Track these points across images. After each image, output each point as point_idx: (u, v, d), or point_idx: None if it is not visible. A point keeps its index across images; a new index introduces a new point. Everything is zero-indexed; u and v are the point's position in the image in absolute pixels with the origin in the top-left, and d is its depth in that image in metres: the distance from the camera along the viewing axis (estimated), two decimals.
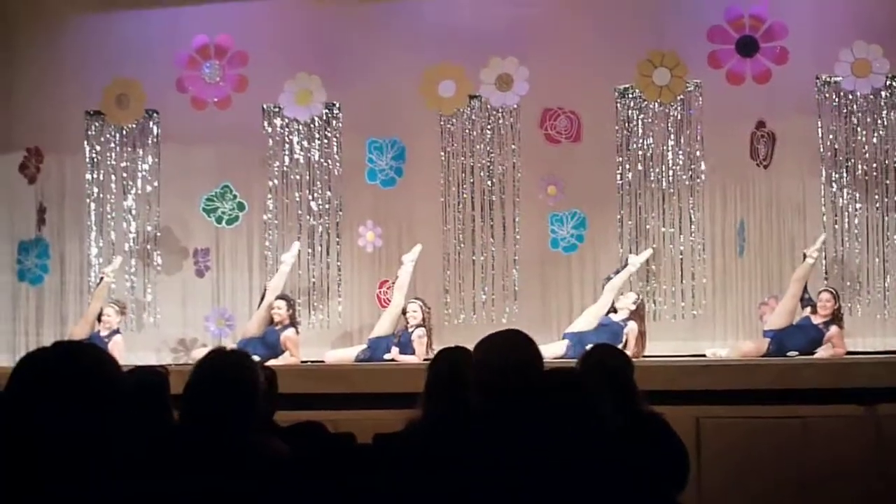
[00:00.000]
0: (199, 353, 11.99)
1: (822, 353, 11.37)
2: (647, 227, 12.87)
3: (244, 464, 3.84)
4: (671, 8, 12.83)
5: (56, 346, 3.09)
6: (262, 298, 12.60)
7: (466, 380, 5.06)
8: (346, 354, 12.30)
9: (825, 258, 12.47)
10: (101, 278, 12.97)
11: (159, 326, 13.31)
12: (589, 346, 5.69)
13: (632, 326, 11.87)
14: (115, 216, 13.61)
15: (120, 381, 3.05)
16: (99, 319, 12.53)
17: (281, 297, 12.47)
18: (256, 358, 10.10)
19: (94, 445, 2.91)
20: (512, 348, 4.57)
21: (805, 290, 11.82)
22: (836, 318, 11.63)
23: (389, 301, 12.83)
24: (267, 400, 4.75)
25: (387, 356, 12.01)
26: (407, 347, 12.00)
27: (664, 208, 12.89)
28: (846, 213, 12.58)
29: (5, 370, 3.17)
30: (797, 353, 11.40)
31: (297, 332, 12.30)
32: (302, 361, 12.11)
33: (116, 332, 12.40)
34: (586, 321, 12.08)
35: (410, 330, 12.10)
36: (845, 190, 12.57)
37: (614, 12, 12.85)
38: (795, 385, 9.53)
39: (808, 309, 11.70)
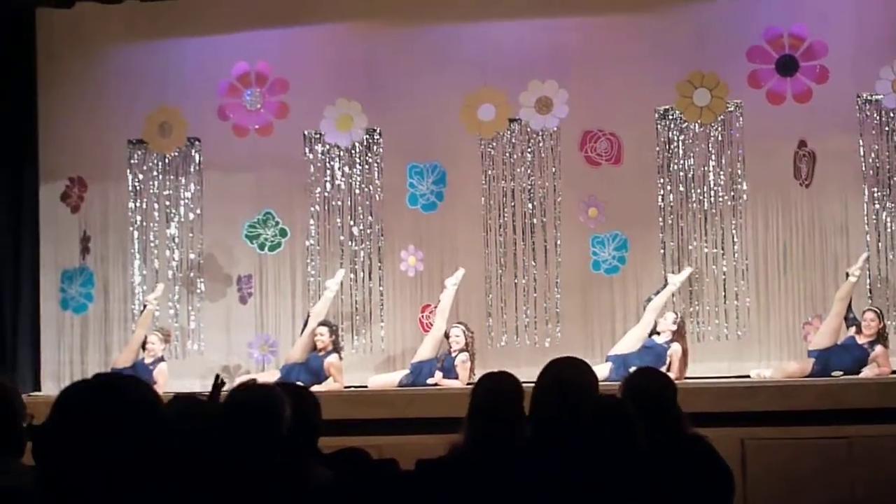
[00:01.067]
0: (243, 379, 12.15)
1: (867, 372, 11.30)
2: (690, 248, 12.84)
3: (286, 492, 3.86)
4: (710, 28, 12.81)
5: (96, 378, 3.12)
6: (306, 324, 12.61)
7: (510, 405, 5.06)
8: (389, 379, 12.30)
9: (869, 277, 12.42)
10: (145, 306, 13.03)
11: (203, 353, 13.35)
12: (632, 369, 5.68)
13: (675, 348, 11.83)
14: (158, 244, 13.68)
15: (160, 410, 3.07)
16: (144, 347, 12.59)
17: (323, 323, 12.49)
18: (300, 384, 10.19)
19: (133, 475, 2.93)
20: (572, 375, 4.59)
21: (849, 309, 11.76)
22: (881, 337, 11.56)
23: (432, 325, 12.86)
24: (311, 426, 4.77)
25: (430, 381, 12.00)
26: (450, 372, 12.00)
27: (706, 229, 12.86)
28: (889, 231, 12.51)
29: (50, 398, 3.20)
30: (842, 372, 11.34)
31: (341, 358, 12.32)
32: (345, 387, 12.12)
33: (161, 359, 12.44)
34: (629, 343, 12.05)
35: (454, 354, 12.09)
36: (888, 208, 12.51)
37: (653, 34, 12.85)
38: (840, 405, 9.48)
39: (853, 328, 11.64)
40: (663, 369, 11.02)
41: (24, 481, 3.23)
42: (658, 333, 12.02)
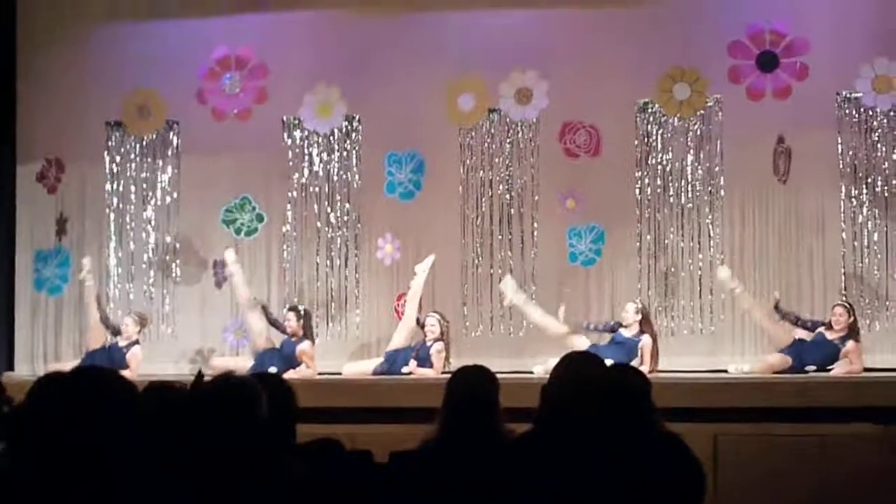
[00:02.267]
0: (217, 362, 12.12)
1: (838, 368, 11.34)
2: (666, 241, 12.86)
3: (259, 488, 3.85)
4: (692, 23, 12.82)
5: (75, 371, 3.12)
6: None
7: (485, 399, 5.07)
8: (363, 367, 12.29)
9: (844, 273, 12.46)
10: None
11: (178, 337, 13.32)
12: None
13: (645, 340, 11.82)
14: (134, 227, 13.64)
15: (136, 403, 3.07)
16: (107, 327, 12.56)
17: (291, 307, 12.48)
18: (273, 370, 10.15)
19: (112, 464, 2.93)
20: (580, 371, 4.59)
21: (778, 309, 11.84)
22: (852, 332, 11.59)
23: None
24: (287, 417, 4.75)
25: (405, 369, 11.99)
26: (426, 361, 11.99)
27: (683, 223, 12.88)
28: (865, 229, 12.56)
29: (26, 380, 3.18)
30: (815, 367, 11.39)
31: (313, 344, 12.30)
32: (319, 374, 12.10)
33: (136, 343, 12.40)
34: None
35: (429, 343, 12.09)
36: (864, 206, 12.55)
37: (634, 27, 12.85)
38: (813, 403, 9.50)
39: (821, 327, 11.68)
40: (636, 362, 11.05)
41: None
42: (625, 327, 12.01)
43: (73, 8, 13.68)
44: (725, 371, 11.63)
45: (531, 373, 11.51)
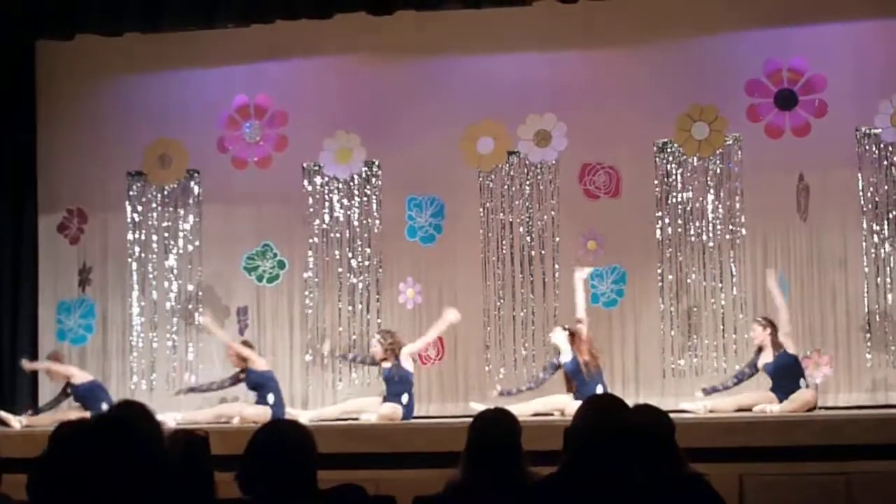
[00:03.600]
0: (239, 410, 12.10)
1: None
2: (688, 281, 12.83)
3: None
4: (709, 62, 12.84)
5: (99, 418, 3.12)
6: None
7: (506, 442, 5.05)
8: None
9: (867, 311, 12.42)
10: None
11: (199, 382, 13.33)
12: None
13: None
14: (156, 276, 13.68)
15: (162, 449, 3.08)
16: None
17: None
18: (293, 419, 10.10)
19: None
20: (603, 413, 4.57)
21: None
22: (777, 344, 11.59)
23: (430, 358, 12.90)
24: (307, 463, 4.75)
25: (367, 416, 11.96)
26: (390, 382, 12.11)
27: (704, 262, 12.86)
28: (888, 265, 12.51)
29: (48, 431, 3.20)
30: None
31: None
32: (343, 420, 12.05)
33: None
34: None
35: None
36: (887, 241, 12.51)
37: (652, 67, 12.88)
38: (839, 441, 9.43)
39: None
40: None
41: None
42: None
43: (93, 59, 13.74)
44: (747, 411, 11.52)
45: (552, 415, 11.50)
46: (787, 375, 11.48)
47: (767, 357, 11.62)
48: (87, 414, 11.64)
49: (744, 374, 11.82)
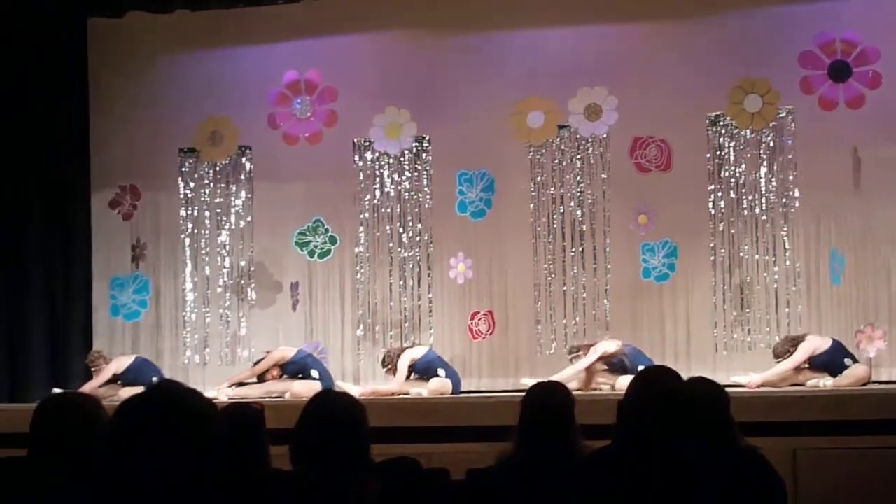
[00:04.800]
0: (288, 386, 12.13)
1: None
2: (741, 255, 12.76)
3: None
4: (762, 34, 12.73)
5: (155, 387, 3.14)
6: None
7: (561, 416, 5.05)
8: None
9: None
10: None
11: (254, 360, 13.39)
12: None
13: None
14: (209, 252, 13.75)
15: (216, 420, 3.09)
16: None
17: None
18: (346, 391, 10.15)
19: (194, 484, 2.95)
20: (656, 384, 4.56)
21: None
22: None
23: (481, 333, 12.93)
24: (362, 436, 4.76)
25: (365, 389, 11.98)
26: None
27: (757, 236, 12.77)
28: None
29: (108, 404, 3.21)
30: None
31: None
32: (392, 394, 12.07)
33: None
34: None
35: None
36: None
37: (704, 40, 12.80)
38: (893, 415, 9.35)
39: None
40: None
41: None
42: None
43: (144, 36, 13.83)
44: (800, 385, 11.46)
45: (599, 390, 11.51)
46: (828, 368, 11.43)
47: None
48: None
49: None
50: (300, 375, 12.27)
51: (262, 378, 12.39)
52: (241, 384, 12.28)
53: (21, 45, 13.61)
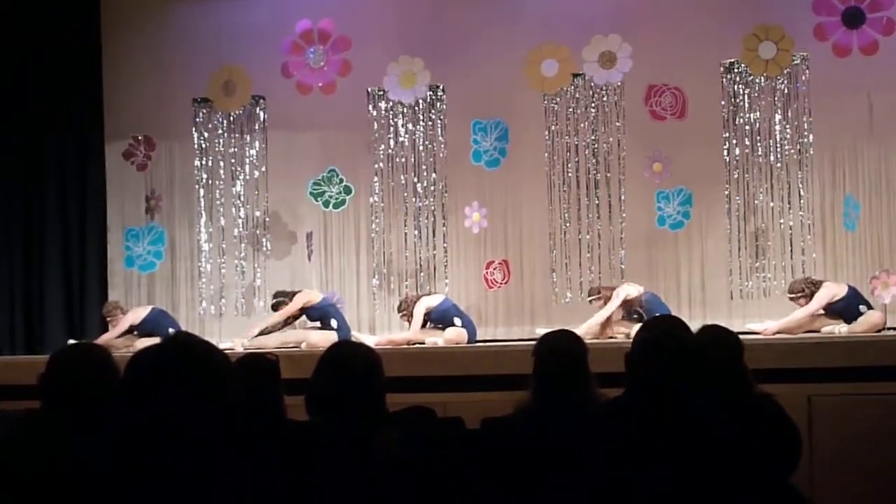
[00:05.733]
0: (304, 336, 12.16)
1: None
2: (756, 202, 12.74)
3: (363, 455, 3.89)
4: None
5: (170, 339, 3.16)
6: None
7: (575, 364, 5.06)
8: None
9: None
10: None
11: (269, 311, 13.41)
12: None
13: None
14: (224, 202, 13.76)
15: (230, 372, 3.11)
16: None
17: None
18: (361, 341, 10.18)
19: (210, 431, 2.97)
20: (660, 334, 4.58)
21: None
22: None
23: (496, 282, 12.96)
24: (377, 385, 4.79)
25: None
26: None
27: (772, 183, 12.75)
28: None
29: (122, 355, 3.23)
30: None
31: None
32: (409, 343, 12.11)
33: None
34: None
35: None
36: None
37: None
38: None
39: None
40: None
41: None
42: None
43: None
44: (815, 332, 11.45)
45: (614, 338, 11.52)
46: (843, 315, 11.41)
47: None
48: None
49: None
50: (319, 324, 12.31)
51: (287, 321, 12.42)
52: (262, 332, 12.28)
53: None
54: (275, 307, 12.49)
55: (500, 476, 4.01)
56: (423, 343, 11.86)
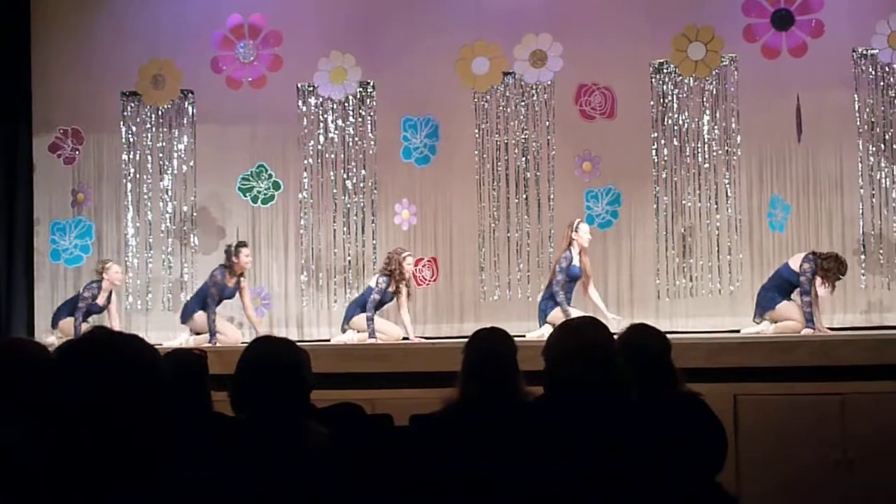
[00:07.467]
0: (234, 332, 12.11)
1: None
2: (684, 202, 12.83)
3: (293, 451, 3.86)
4: None
5: (94, 331, 3.12)
6: None
7: (504, 361, 5.07)
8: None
9: (862, 233, 12.43)
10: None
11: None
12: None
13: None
14: (151, 196, 13.66)
15: (160, 366, 3.07)
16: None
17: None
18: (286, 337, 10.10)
19: (136, 430, 2.93)
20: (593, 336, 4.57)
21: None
22: None
23: (425, 279, 12.96)
24: (304, 381, 4.77)
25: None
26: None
27: (700, 183, 12.84)
28: (883, 187, 12.51)
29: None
30: None
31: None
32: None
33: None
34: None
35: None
36: (882, 163, 12.50)
37: None
38: (834, 362, 9.46)
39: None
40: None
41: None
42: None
43: None
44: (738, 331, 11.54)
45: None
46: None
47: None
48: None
49: None
50: None
51: None
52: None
53: None
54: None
55: (428, 472, 3.99)
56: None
